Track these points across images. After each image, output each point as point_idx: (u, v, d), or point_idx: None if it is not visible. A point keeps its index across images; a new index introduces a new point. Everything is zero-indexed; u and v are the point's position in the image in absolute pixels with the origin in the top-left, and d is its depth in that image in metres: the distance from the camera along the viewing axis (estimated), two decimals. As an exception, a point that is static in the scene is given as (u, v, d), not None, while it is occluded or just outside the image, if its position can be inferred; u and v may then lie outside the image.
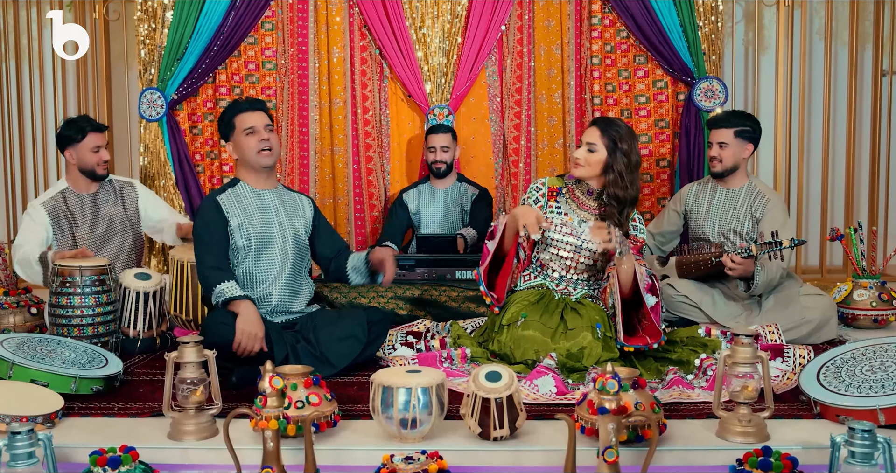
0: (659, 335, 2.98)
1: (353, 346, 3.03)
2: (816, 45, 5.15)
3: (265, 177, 3.20)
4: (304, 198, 3.35)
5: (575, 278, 3.23)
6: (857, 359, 2.61)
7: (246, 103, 3.19)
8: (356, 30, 4.84)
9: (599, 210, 3.21)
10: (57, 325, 3.22)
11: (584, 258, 3.20)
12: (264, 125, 3.13)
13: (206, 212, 3.12)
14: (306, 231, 3.27)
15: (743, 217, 3.71)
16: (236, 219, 3.10)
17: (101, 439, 2.29)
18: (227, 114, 3.17)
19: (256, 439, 2.25)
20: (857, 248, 3.92)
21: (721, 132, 3.71)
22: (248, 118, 3.12)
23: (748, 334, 2.31)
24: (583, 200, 3.23)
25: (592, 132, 3.15)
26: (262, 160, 3.13)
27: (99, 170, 3.79)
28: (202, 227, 3.12)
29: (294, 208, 3.26)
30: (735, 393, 2.29)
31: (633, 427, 2.21)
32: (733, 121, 3.72)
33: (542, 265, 3.27)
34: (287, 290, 3.19)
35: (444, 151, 4.48)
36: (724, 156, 3.71)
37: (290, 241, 3.19)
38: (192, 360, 2.34)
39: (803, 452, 2.18)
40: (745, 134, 3.71)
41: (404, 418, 2.23)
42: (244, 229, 3.10)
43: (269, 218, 3.16)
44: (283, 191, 3.28)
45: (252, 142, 3.10)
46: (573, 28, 4.78)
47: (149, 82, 4.71)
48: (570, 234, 3.19)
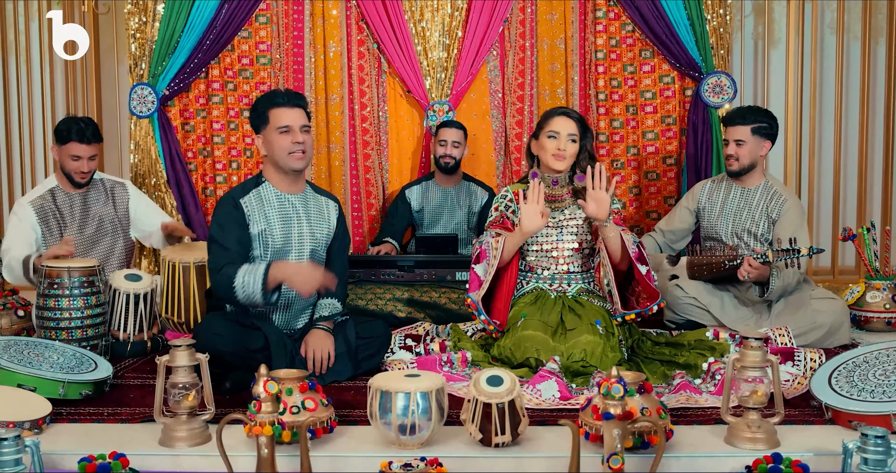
0: (656, 295, 3.07)
1: (349, 364, 2.99)
2: (828, 39, 5.15)
3: (292, 181, 3.00)
4: (332, 202, 3.15)
5: (566, 271, 3.24)
6: (871, 363, 2.61)
7: (284, 97, 2.95)
8: (353, 23, 4.84)
9: (568, 194, 3.28)
10: (45, 328, 3.22)
11: (568, 242, 3.23)
12: (301, 125, 2.91)
13: (226, 211, 2.91)
14: (327, 241, 3.10)
15: (758, 217, 3.69)
16: (257, 226, 2.92)
17: (91, 445, 2.29)
18: (262, 104, 2.94)
19: (250, 445, 2.25)
20: (870, 249, 3.92)
21: (738, 129, 3.67)
22: (285, 115, 2.90)
23: (758, 337, 2.31)
24: (550, 193, 3.28)
25: (566, 122, 3.20)
26: (294, 163, 2.92)
27: (76, 177, 3.76)
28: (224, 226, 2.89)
29: (319, 215, 3.07)
30: (744, 398, 2.29)
31: (639, 433, 2.21)
32: (750, 118, 3.68)
33: (530, 269, 3.29)
34: (293, 309, 3.08)
35: (455, 147, 4.48)
36: (741, 154, 3.68)
37: (306, 254, 3.02)
38: (184, 364, 2.34)
39: (814, 459, 2.18)
40: (763, 130, 3.68)
41: (403, 424, 2.23)
42: (263, 238, 2.94)
43: (289, 228, 2.98)
44: (309, 196, 3.08)
45: (285, 142, 2.89)
46: (577, 21, 4.78)
47: (139, 77, 4.71)
48: (546, 227, 3.23)
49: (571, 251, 3.24)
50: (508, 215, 3.28)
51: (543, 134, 3.22)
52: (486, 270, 3.13)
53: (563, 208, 3.28)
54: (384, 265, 4.10)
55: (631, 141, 4.85)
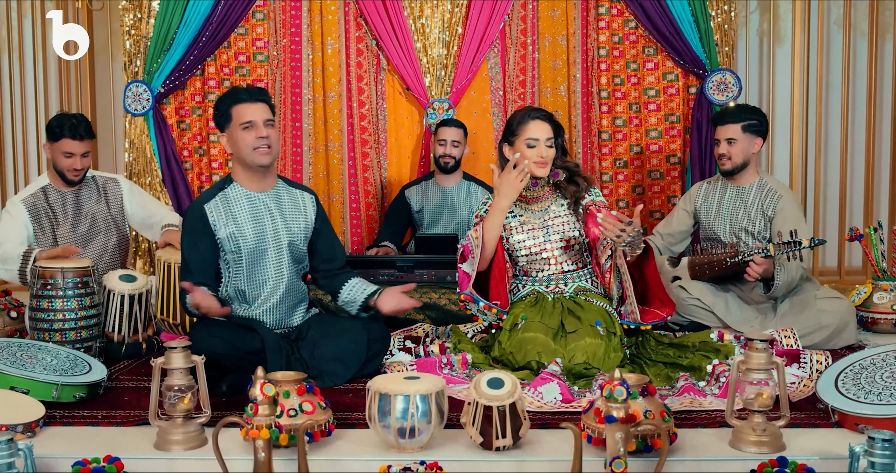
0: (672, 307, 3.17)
1: (347, 368, 2.98)
2: (834, 35, 5.15)
3: (261, 177, 3.04)
4: (308, 195, 3.17)
5: (561, 270, 3.24)
6: (878, 365, 2.61)
7: (245, 92, 2.99)
8: (352, 20, 4.84)
9: (549, 192, 3.28)
10: (38, 329, 3.22)
11: (556, 243, 3.23)
12: (264, 120, 2.95)
13: (193, 222, 3.00)
14: (306, 236, 3.13)
15: (754, 215, 3.71)
16: (225, 229, 2.98)
17: (85, 449, 2.28)
18: (225, 102, 2.98)
19: (247, 449, 2.25)
20: (878, 249, 3.92)
21: (729, 128, 3.71)
22: (247, 110, 2.94)
23: (763, 339, 2.31)
24: (530, 196, 3.29)
25: (542, 126, 3.17)
26: (259, 158, 2.96)
27: (69, 175, 3.76)
28: (189, 233, 3.02)
29: (294, 210, 3.11)
30: (749, 401, 2.29)
31: (643, 436, 2.20)
32: (741, 116, 3.72)
33: (524, 272, 3.30)
34: (283, 306, 3.10)
35: (455, 146, 4.48)
36: (734, 152, 3.71)
37: (284, 251, 3.07)
38: (179, 366, 2.34)
39: (821, 462, 2.18)
40: (753, 127, 3.71)
41: (402, 427, 2.22)
42: (233, 240, 2.98)
43: (262, 226, 3.02)
44: (282, 191, 3.11)
45: (249, 137, 2.93)
46: (579, 18, 4.79)
47: (134, 75, 4.71)
48: (532, 229, 3.24)
49: (561, 250, 3.24)
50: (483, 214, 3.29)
51: (520, 141, 3.17)
52: (473, 265, 3.13)
53: (545, 207, 3.28)
54: (383, 265, 4.10)
55: (634, 139, 4.85)
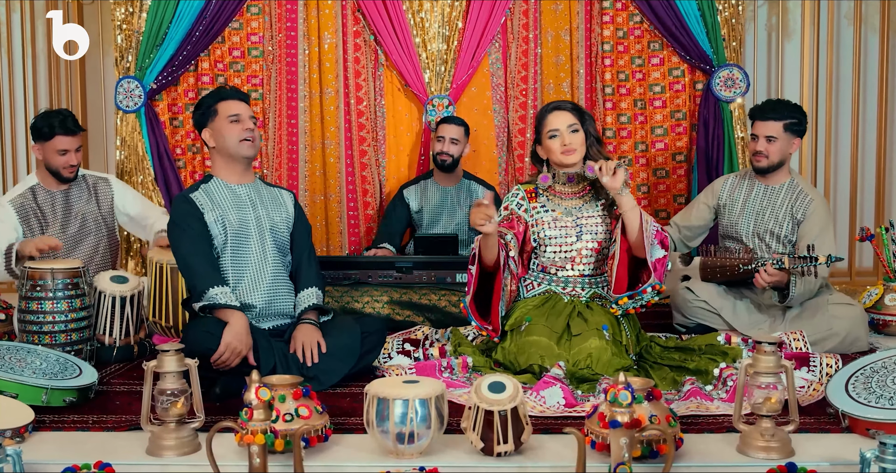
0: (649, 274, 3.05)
1: (342, 364, 3.02)
2: (845, 30, 5.15)
3: (241, 171, 3.20)
4: (285, 192, 3.35)
5: (580, 274, 3.23)
6: (889, 369, 2.61)
7: (231, 90, 3.25)
8: (349, 14, 4.84)
9: (584, 191, 3.27)
10: (27, 332, 3.22)
11: (587, 242, 3.21)
12: (249, 116, 3.17)
13: (180, 208, 3.11)
14: (288, 226, 3.26)
15: (782, 217, 3.66)
16: (211, 213, 3.09)
17: (75, 454, 2.28)
18: (210, 99, 3.19)
19: (242, 454, 2.25)
20: (889, 249, 3.92)
21: (770, 125, 3.61)
22: (234, 106, 3.15)
23: (771, 342, 2.31)
24: (565, 191, 3.28)
25: (562, 115, 3.21)
26: (244, 149, 3.13)
27: (65, 172, 3.77)
28: (180, 224, 3.09)
29: (274, 202, 3.25)
30: (757, 406, 2.29)
31: (648, 441, 2.20)
32: (784, 114, 3.61)
33: (543, 269, 3.28)
34: (272, 291, 3.16)
35: (454, 144, 4.47)
36: (772, 151, 3.62)
37: (268, 237, 3.17)
38: (172, 370, 2.34)
39: (831, 468, 2.19)
40: (794, 127, 3.63)
41: (401, 432, 2.23)
42: (219, 224, 3.09)
43: (246, 213, 3.15)
44: (261, 186, 3.28)
45: (236, 129, 3.11)
46: (583, 12, 4.79)
47: (126, 70, 4.71)
48: (564, 227, 3.22)
49: (590, 251, 3.22)
50: (520, 213, 3.27)
51: (545, 136, 3.23)
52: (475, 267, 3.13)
53: (579, 206, 3.27)
54: (381, 266, 4.10)
55: (639, 136, 4.86)
